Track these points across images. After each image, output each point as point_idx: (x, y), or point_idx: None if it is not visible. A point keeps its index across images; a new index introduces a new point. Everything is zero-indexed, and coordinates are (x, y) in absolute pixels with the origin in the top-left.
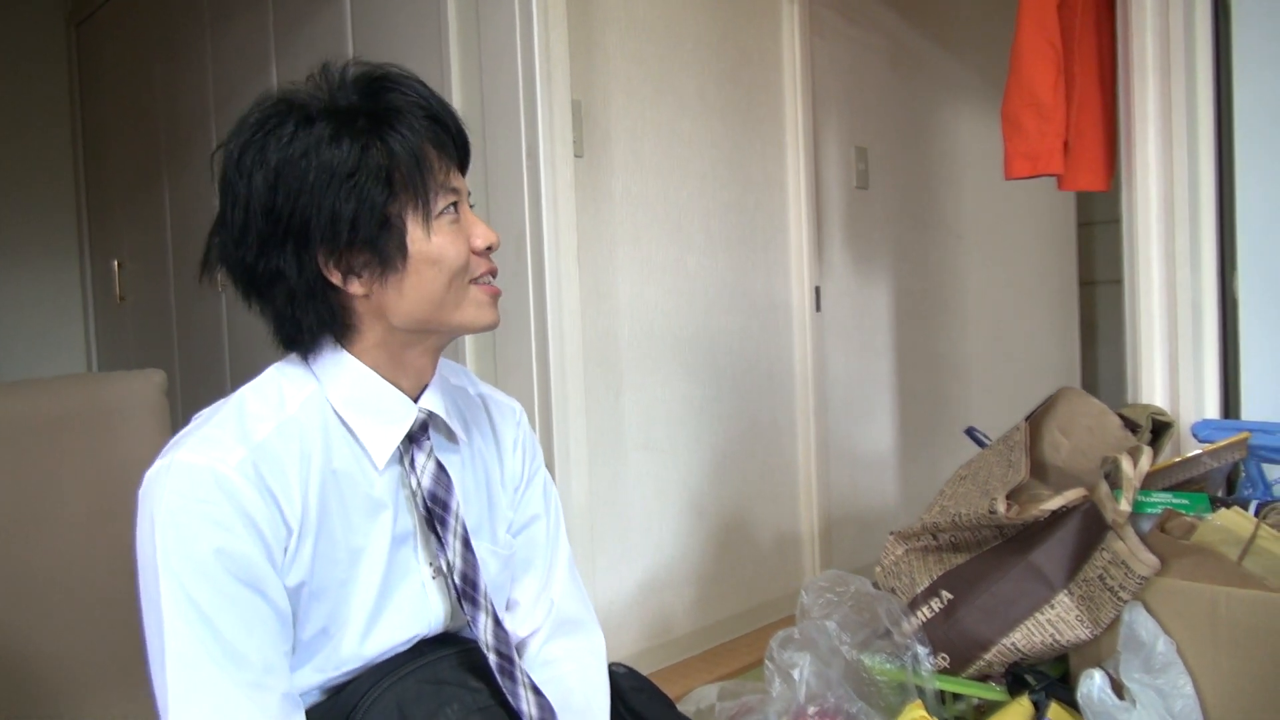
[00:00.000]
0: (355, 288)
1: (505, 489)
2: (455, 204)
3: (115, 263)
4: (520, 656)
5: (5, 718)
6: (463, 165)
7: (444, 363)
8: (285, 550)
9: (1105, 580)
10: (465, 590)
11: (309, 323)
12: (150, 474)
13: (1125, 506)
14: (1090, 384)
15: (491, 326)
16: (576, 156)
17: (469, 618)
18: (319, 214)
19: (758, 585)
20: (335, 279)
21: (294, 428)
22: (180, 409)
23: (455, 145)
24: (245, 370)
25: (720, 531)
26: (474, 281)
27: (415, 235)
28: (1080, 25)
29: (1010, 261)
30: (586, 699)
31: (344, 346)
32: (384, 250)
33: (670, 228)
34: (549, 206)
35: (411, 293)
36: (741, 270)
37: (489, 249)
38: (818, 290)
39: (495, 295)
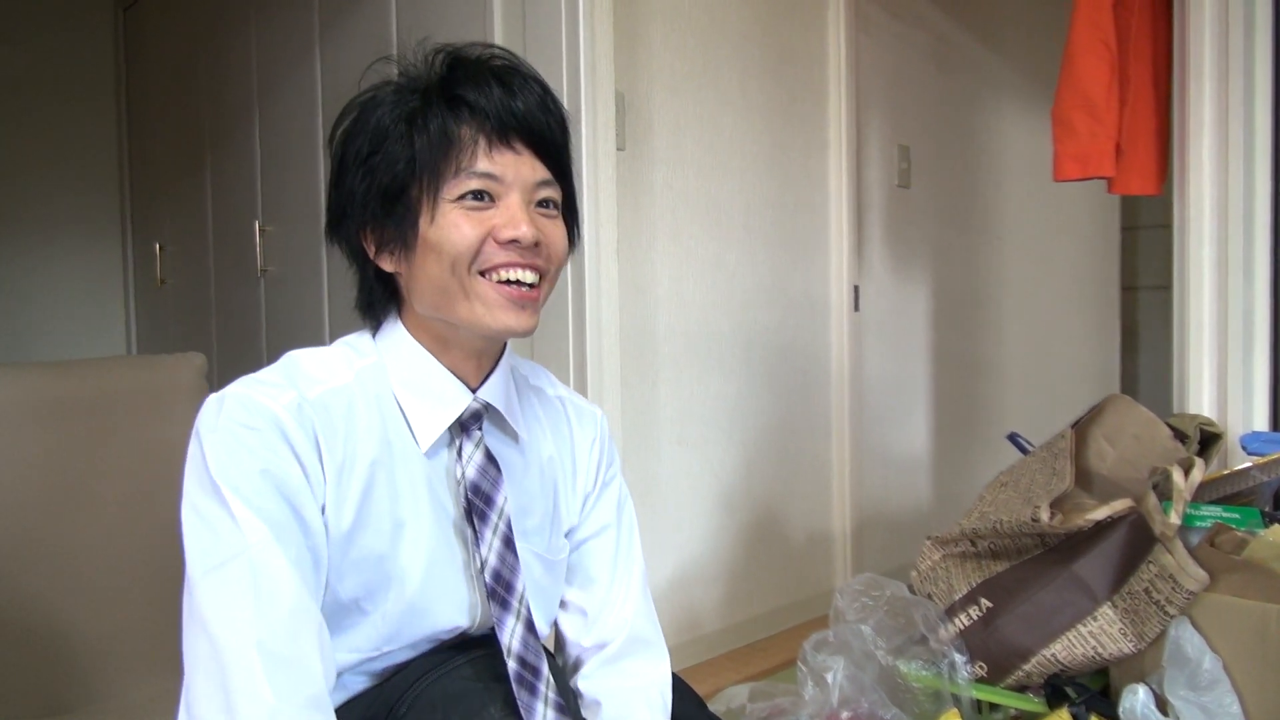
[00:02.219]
0: (386, 263)
1: (574, 494)
2: (486, 192)
3: (157, 246)
4: (579, 667)
5: (43, 694)
6: (542, 153)
7: (523, 362)
8: (324, 495)
9: (1151, 594)
10: (496, 590)
11: (365, 292)
12: (204, 405)
13: (1175, 519)
14: (1130, 390)
15: (508, 332)
16: (618, 149)
17: (495, 619)
18: (356, 188)
19: (788, 584)
20: (370, 250)
21: (345, 394)
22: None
23: (514, 131)
24: (281, 354)
25: (752, 529)
26: (488, 274)
27: (425, 218)
28: (1136, 25)
29: (1051, 264)
30: None
31: (401, 321)
32: (401, 230)
33: (710, 223)
34: (590, 199)
35: (420, 277)
36: (780, 267)
37: (515, 241)
38: (856, 289)
39: (515, 297)
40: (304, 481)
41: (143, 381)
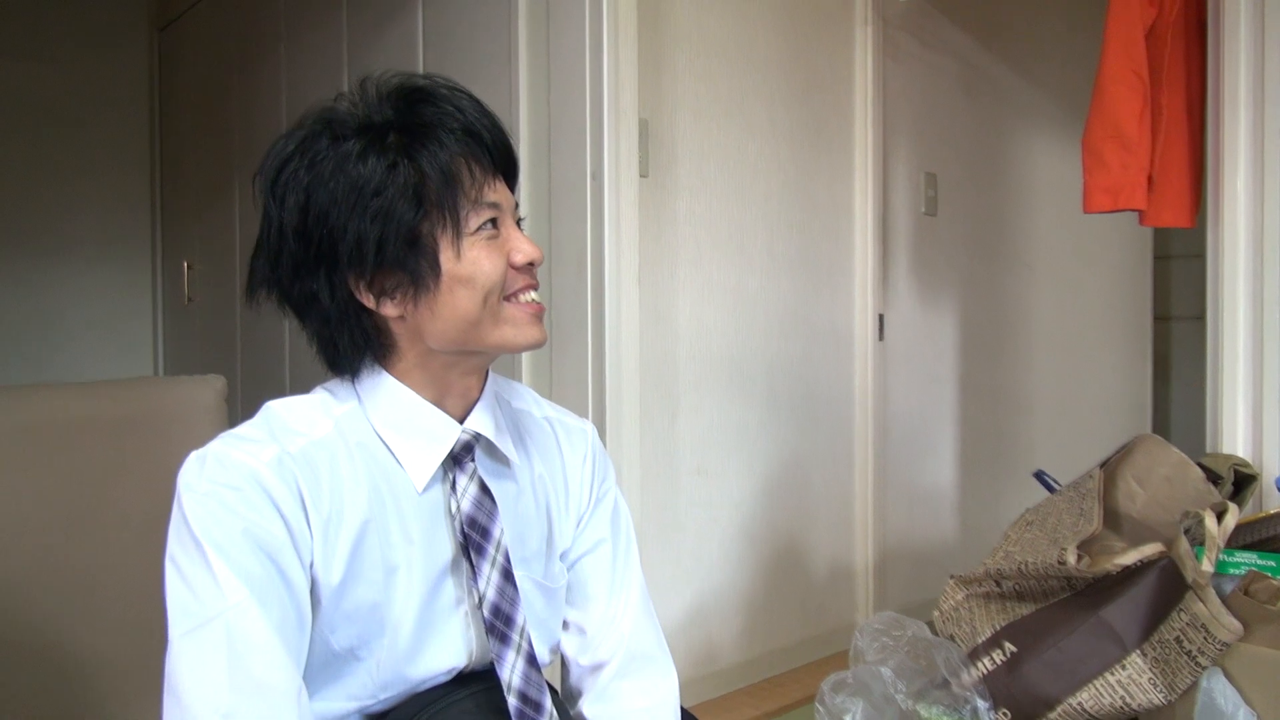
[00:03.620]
0: (389, 310)
1: (568, 515)
2: (494, 219)
3: (185, 264)
4: (585, 690)
5: (54, 716)
6: (508, 177)
7: (506, 384)
8: (310, 551)
9: (1183, 643)
10: (495, 625)
11: (345, 345)
12: (185, 464)
13: (1207, 566)
14: (1162, 424)
15: (534, 345)
16: (641, 176)
17: (494, 654)
18: (346, 235)
19: (808, 618)
20: (369, 302)
21: (327, 446)
22: (240, 413)
23: (494, 158)
24: (304, 375)
25: (771, 561)
26: (511, 298)
27: (447, 254)
28: (1169, 54)
29: (1081, 294)
30: None
31: (384, 368)
32: (415, 271)
33: (733, 250)
34: (611, 225)
35: (445, 313)
36: (804, 295)
37: (530, 265)
38: (881, 318)
39: (536, 313)
40: (287, 539)
41: (163, 403)
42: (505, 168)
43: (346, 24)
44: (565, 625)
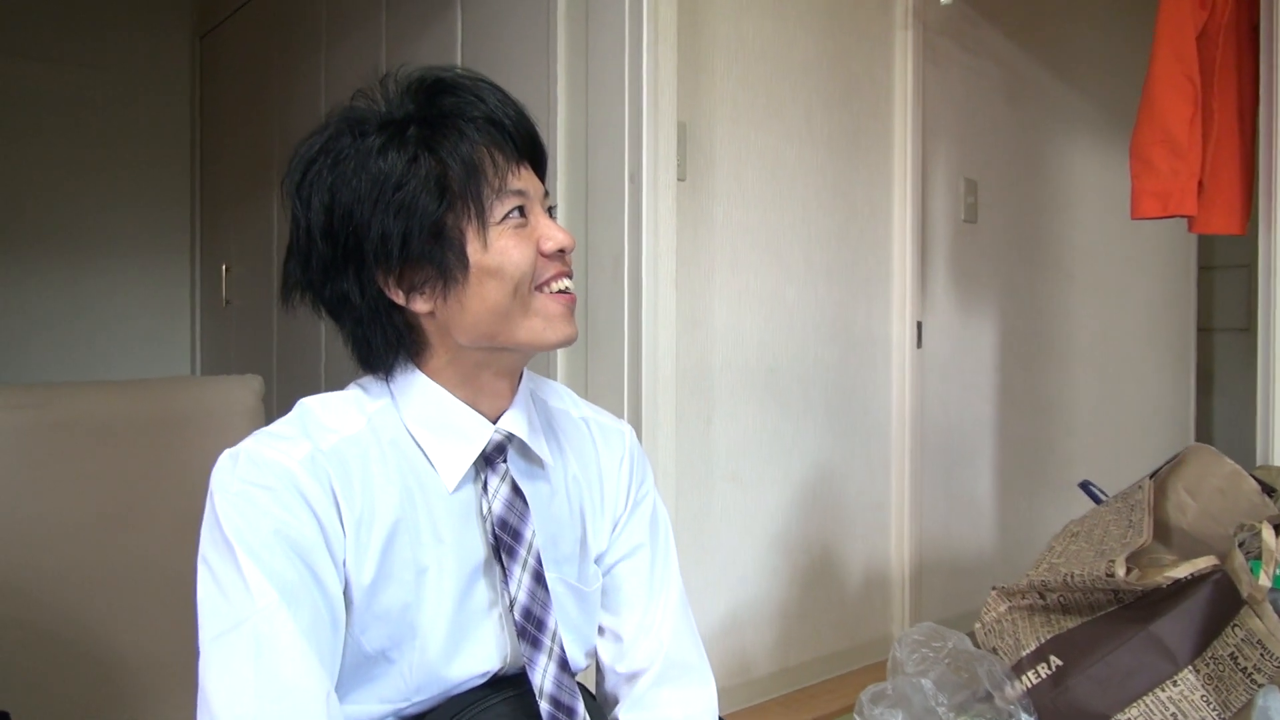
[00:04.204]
0: (419, 305)
1: (603, 517)
2: (521, 208)
3: (223, 266)
4: (618, 699)
5: (87, 713)
6: (535, 165)
7: (542, 383)
8: (343, 551)
9: (1238, 660)
10: (526, 628)
11: (378, 344)
12: (218, 462)
13: (1265, 581)
14: (1205, 437)
15: (565, 343)
16: (679, 180)
17: (526, 658)
18: (371, 232)
19: (844, 628)
20: (398, 298)
21: (359, 442)
22: (276, 414)
23: (518, 145)
24: (339, 377)
25: (806, 570)
26: (542, 288)
27: (474, 245)
28: (1221, 57)
29: (1124, 304)
30: None
31: (417, 367)
32: (442, 263)
33: (770, 256)
34: (649, 230)
35: (475, 306)
36: (841, 302)
37: (561, 252)
38: (919, 325)
39: (569, 304)
40: (320, 539)
41: (201, 403)
42: (531, 155)
43: (385, 28)
44: (601, 631)
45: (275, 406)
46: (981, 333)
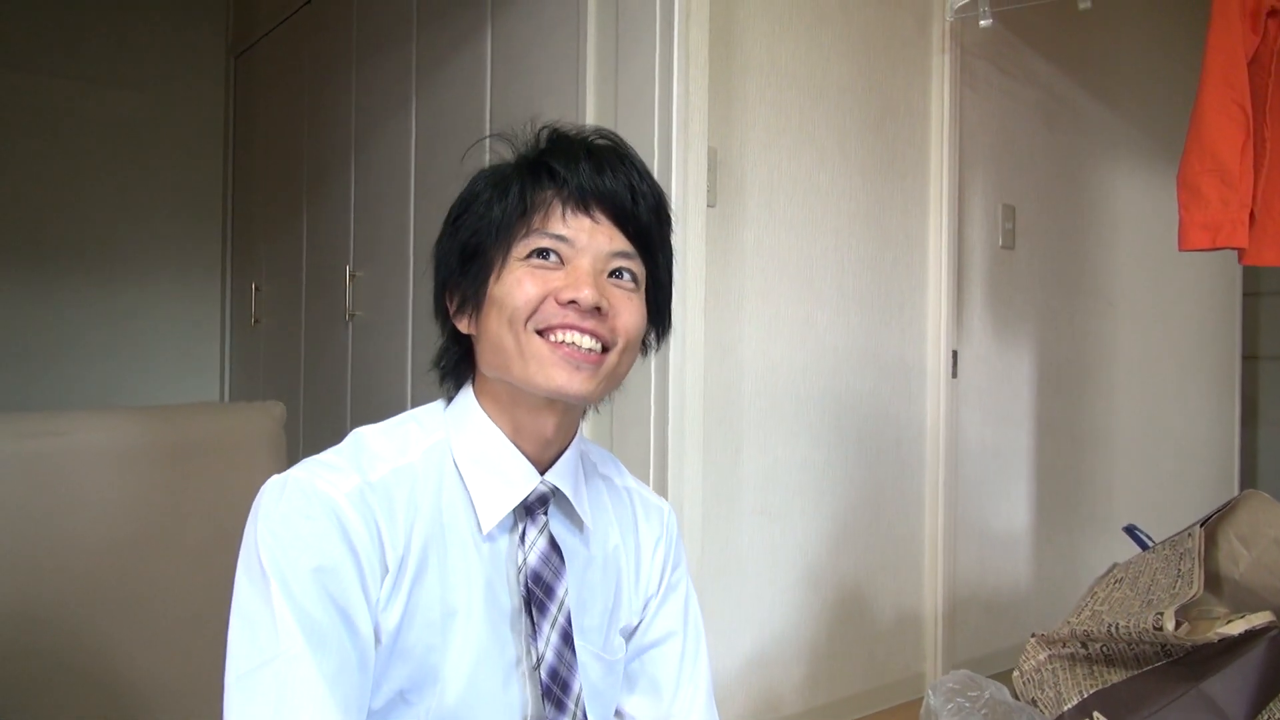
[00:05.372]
0: (461, 323)
1: (637, 592)
2: (555, 252)
3: (253, 286)
4: None
5: None
6: (623, 226)
7: (593, 448)
8: (380, 589)
9: None
10: (551, 689)
11: (446, 358)
12: (265, 487)
13: None
14: (1249, 469)
15: (561, 393)
16: (709, 206)
17: None
18: (442, 249)
19: (874, 667)
20: (451, 310)
21: (409, 474)
22: (302, 434)
23: (602, 201)
24: (364, 398)
25: (836, 606)
26: (546, 332)
27: (494, 275)
28: (1274, 85)
29: (1166, 332)
30: None
31: (473, 391)
32: (474, 288)
33: (801, 283)
34: (678, 256)
35: (484, 335)
36: (874, 330)
37: (574, 303)
38: (955, 354)
39: (566, 356)
40: (356, 578)
41: (222, 429)
42: (617, 219)
43: (416, 50)
44: (622, 715)
45: (302, 427)
46: (1019, 362)
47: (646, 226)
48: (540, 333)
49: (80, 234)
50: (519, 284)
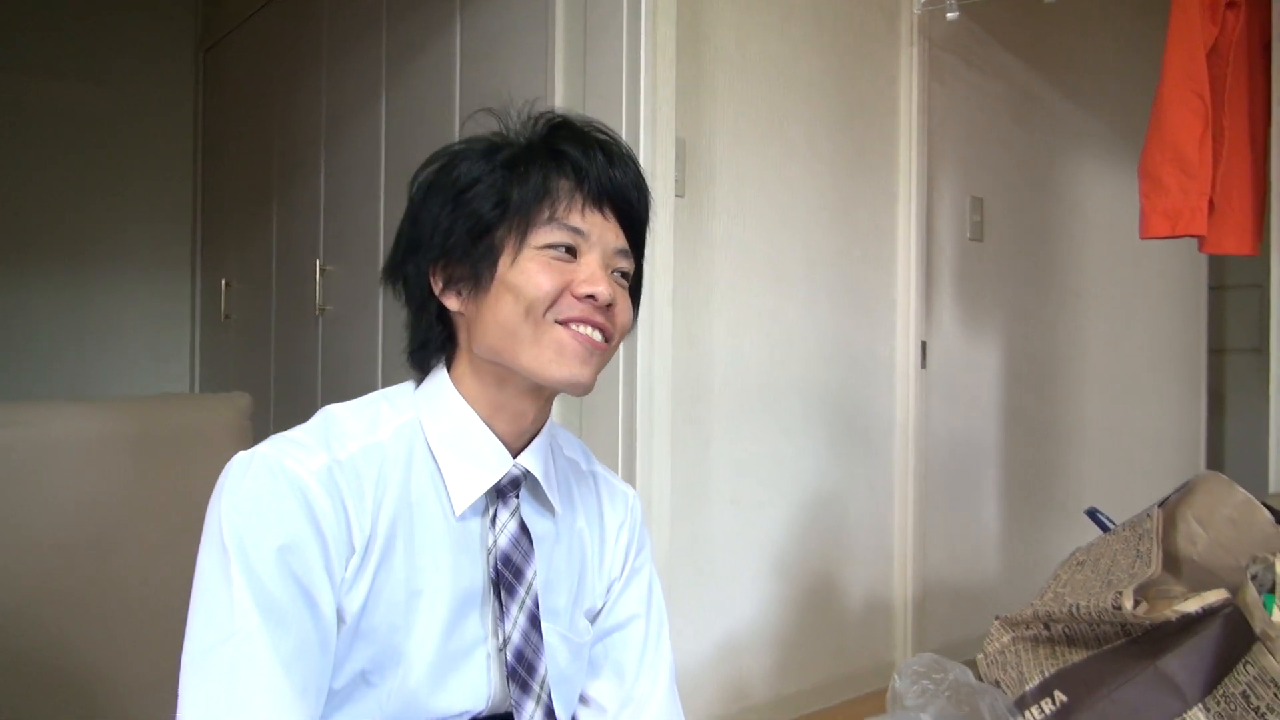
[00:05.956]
0: (451, 301)
1: (600, 576)
2: (571, 246)
3: (223, 281)
4: None
5: None
6: (625, 224)
7: (561, 432)
8: (345, 569)
9: (1250, 699)
10: (517, 671)
11: (419, 333)
12: (231, 462)
13: (1278, 617)
14: (1216, 460)
15: (571, 384)
16: (677, 196)
17: (514, 702)
18: (435, 223)
19: (843, 655)
20: (436, 287)
21: (379, 452)
22: (271, 428)
23: (601, 196)
24: (335, 392)
25: (806, 595)
26: (565, 323)
27: (505, 260)
28: (1231, 75)
29: (1133, 324)
30: None
31: (447, 369)
32: (477, 267)
33: (771, 275)
34: (646, 246)
35: (489, 316)
36: (844, 322)
37: (591, 297)
38: (924, 346)
39: (589, 346)
40: (320, 558)
41: (186, 421)
42: (622, 216)
43: (386, 45)
44: (586, 700)
45: (272, 421)
46: (987, 353)
47: (642, 225)
48: (558, 322)
49: (49, 229)
50: (539, 273)
